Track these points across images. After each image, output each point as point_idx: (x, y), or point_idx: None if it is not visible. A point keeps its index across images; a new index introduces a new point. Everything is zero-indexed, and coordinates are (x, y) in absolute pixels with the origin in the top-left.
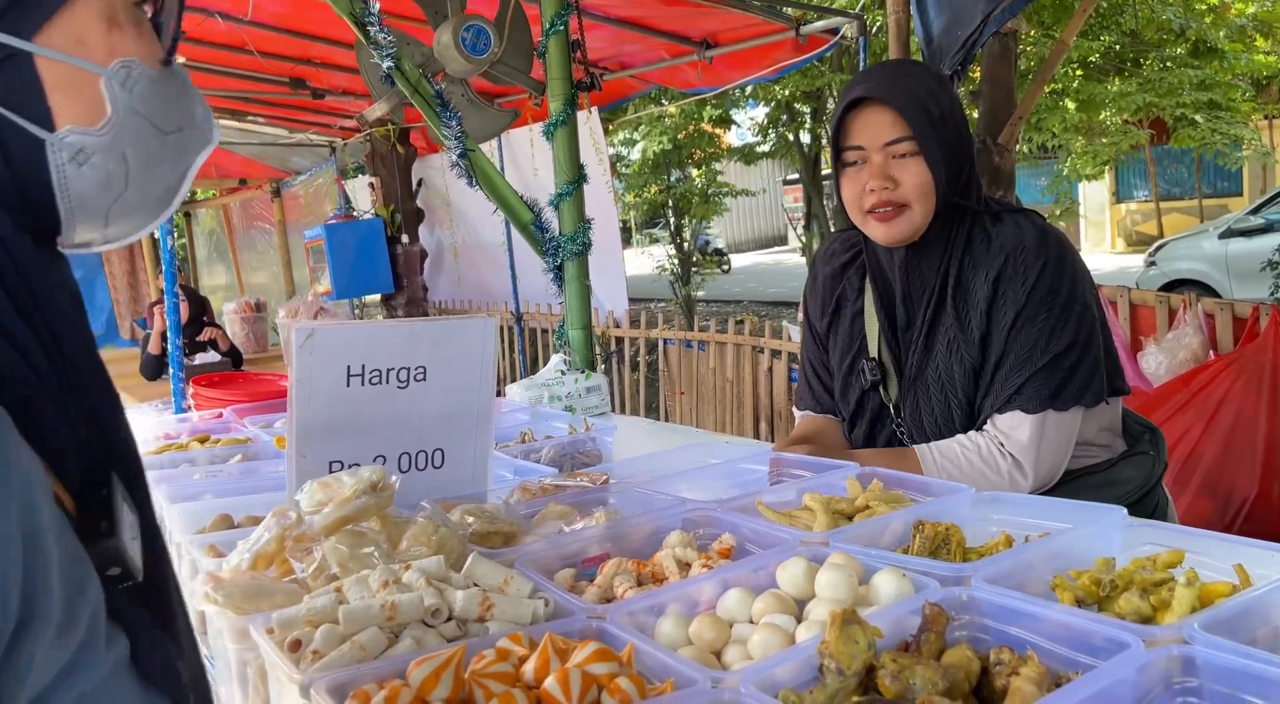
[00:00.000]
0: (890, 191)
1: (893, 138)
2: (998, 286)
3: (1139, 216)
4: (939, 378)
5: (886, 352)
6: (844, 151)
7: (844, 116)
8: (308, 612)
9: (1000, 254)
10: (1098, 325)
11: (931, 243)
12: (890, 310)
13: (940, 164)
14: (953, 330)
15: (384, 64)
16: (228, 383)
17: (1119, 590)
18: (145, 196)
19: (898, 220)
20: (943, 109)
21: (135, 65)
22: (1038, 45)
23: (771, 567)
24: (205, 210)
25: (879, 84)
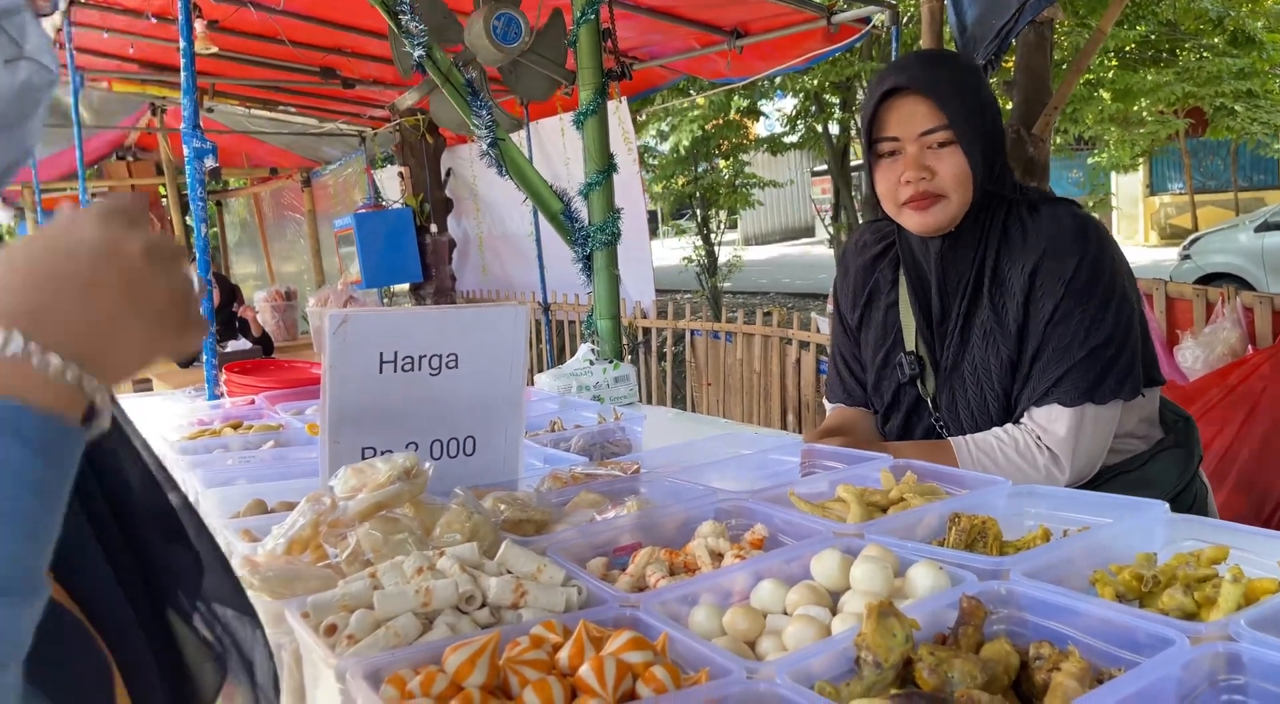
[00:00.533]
0: (927, 182)
1: (929, 127)
2: (1035, 278)
3: (1173, 209)
4: (975, 370)
5: (922, 344)
6: (878, 143)
7: (878, 107)
8: (343, 596)
9: (1038, 245)
10: (1136, 317)
11: (967, 233)
12: (925, 302)
13: (977, 153)
14: (989, 322)
15: (415, 53)
16: (260, 370)
17: (1162, 586)
18: None
19: (934, 209)
20: (978, 97)
21: None
22: (1072, 34)
23: (805, 558)
24: (236, 199)
25: (914, 73)
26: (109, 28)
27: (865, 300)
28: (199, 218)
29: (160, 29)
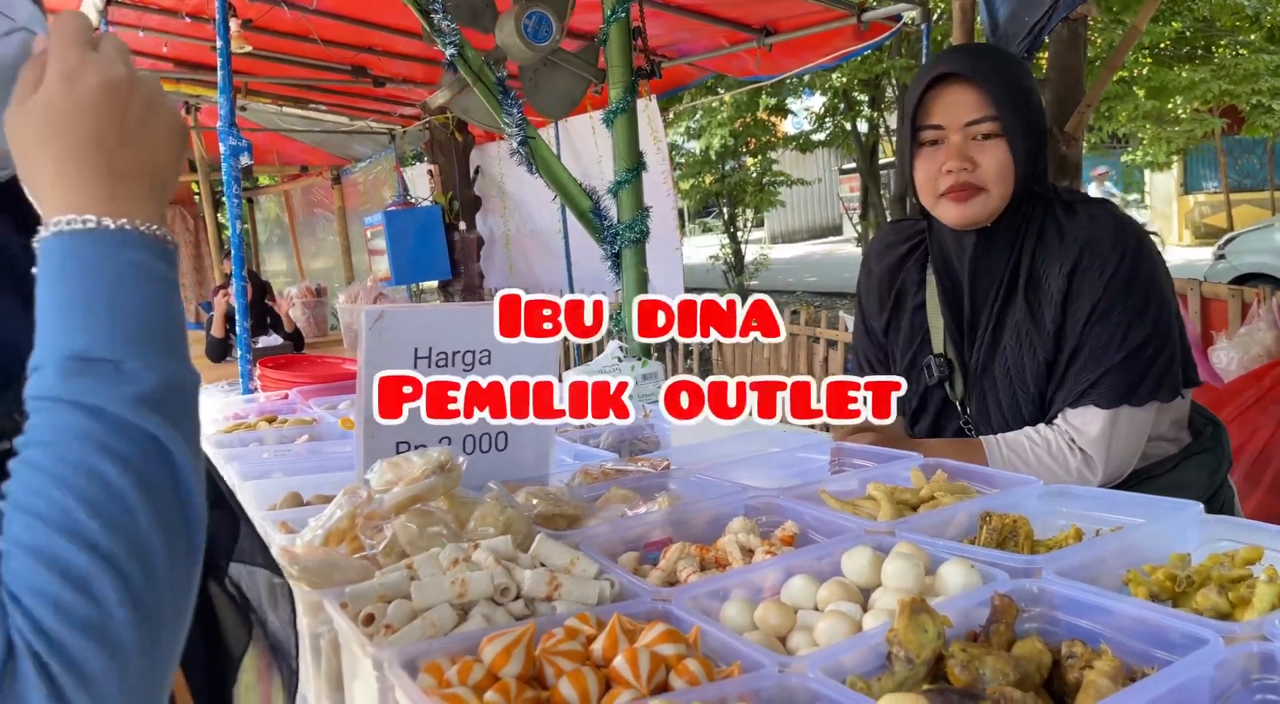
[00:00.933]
0: (968, 173)
1: (975, 117)
2: (1073, 278)
3: (1208, 208)
4: (1007, 371)
5: (950, 346)
6: (921, 131)
7: (924, 94)
8: (380, 587)
9: (1075, 245)
10: (1174, 317)
11: (1002, 230)
12: (956, 303)
13: (1021, 148)
14: (1024, 323)
15: (447, 51)
16: (293, 365)
17: (1195, 586)
18: None
19: (973, 201)
20: (1025, 92)
21: None
22: (1106, 31)
23: (836, 555)
24: (267, 197)
25: (964, 61)
26: (145, 26)
27: (893, 303)
28: (234, 215)
29: (194, 28)
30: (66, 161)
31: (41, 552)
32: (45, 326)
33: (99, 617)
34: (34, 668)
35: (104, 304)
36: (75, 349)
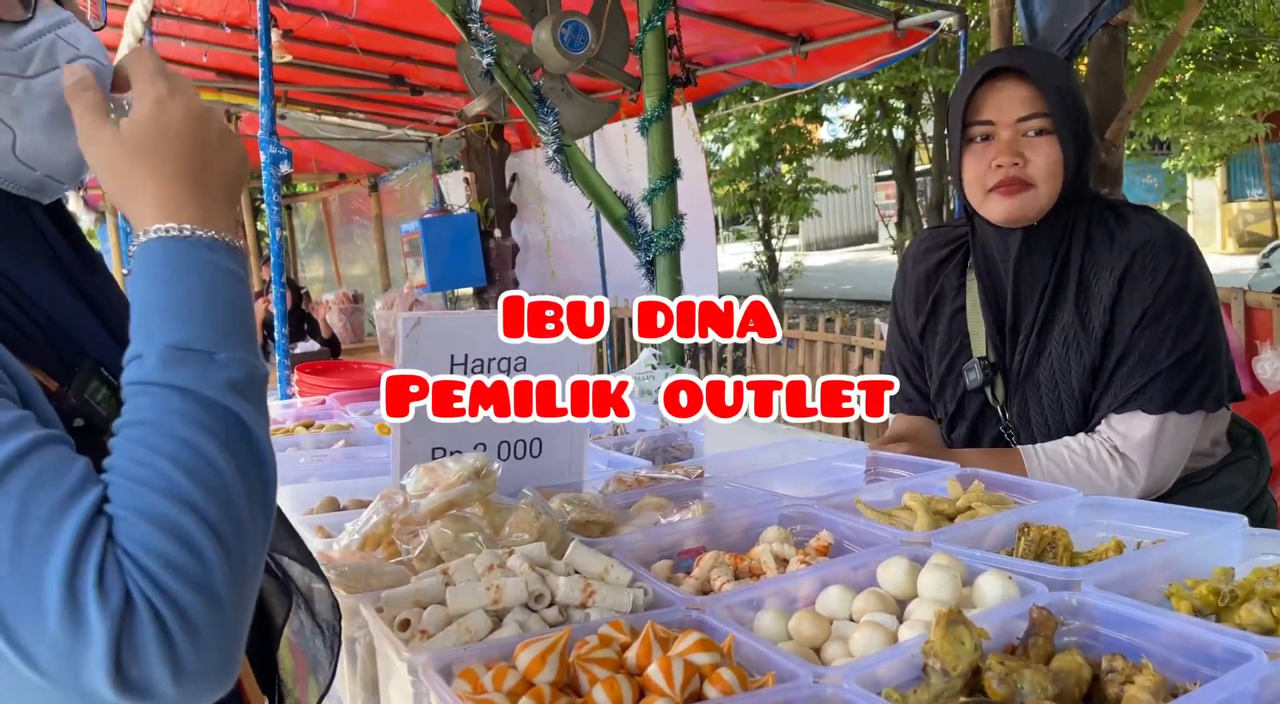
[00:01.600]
0: (1018, 169)
1: (1027, 113)
2: (1124, 283)
3: (1251, 216)
4: (1052, 375)
5: (991, 350)
6: (970, 127)
7: (975, 91)
8: (416, 592)
9: (1127, 250)
10: (1223, 328)
11: (1047, 230)
12: (999, 304)
13: (1071, 146)
14: (1071, 327)
15: (484, 60)
16: (330, 371)
17: (1239, 601)
18: (45, 135)
19: (1022, 196)
20: (1075, 94)
21: None
22: (1148, 36)
23: (871, 565)
24: (305, 204)
25: (1016, 58)
26: (187, 37)
27: (930, 308)
28: (274, 223)
29: (235, 38)
30: (163, 177)
31: (153, 514)
32: (145, 320)
33: (202, 570)
34: (149, 616)
35: (199, 302)
36: (175, 341)
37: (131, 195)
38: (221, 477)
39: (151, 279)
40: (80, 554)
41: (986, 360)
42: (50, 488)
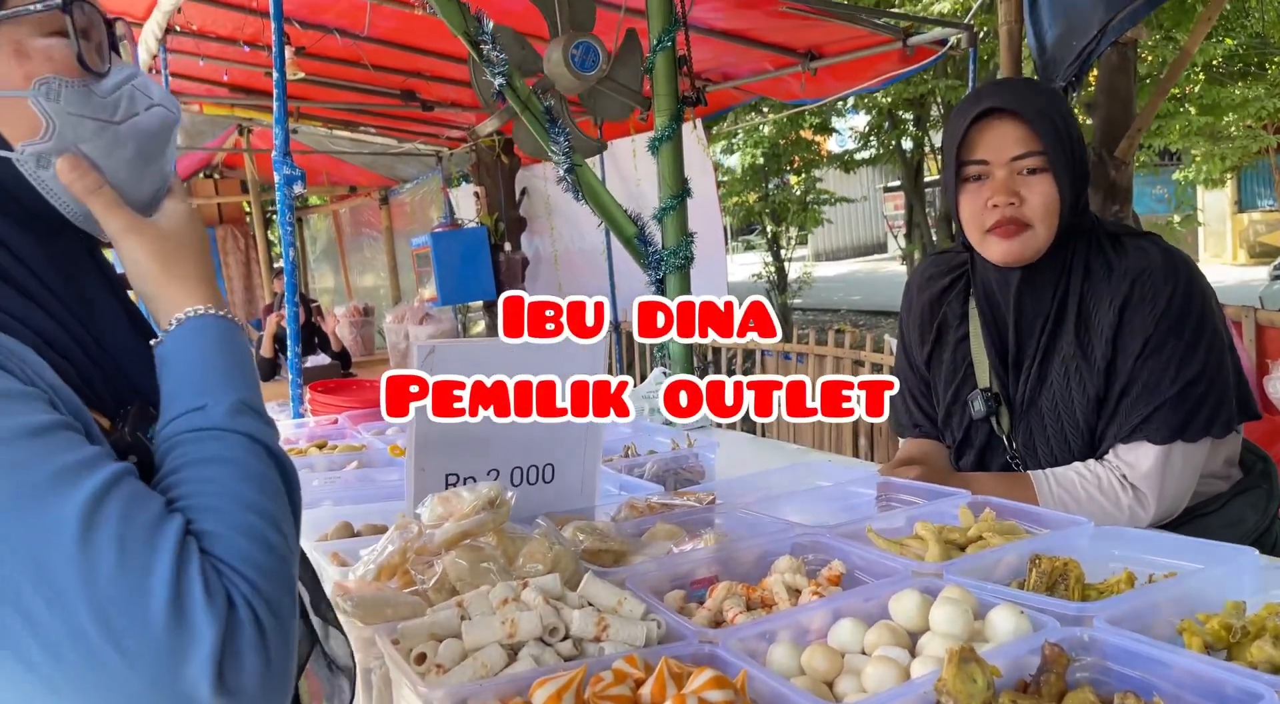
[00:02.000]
0: (1015, 209)
1: (1021, 152)
2: (1124, 313)
3: (1263, 227)
4: (1055, 406)
5: (995, 380)
6: (965, 166)
7: (969, 129)
8: (431, 625)
9: (1126, 279)
10: (1227, 351)
11: (1046, 266)
12: (1000, 337)
13: (1066, 182)
14: (1073, 358)
15: (495, 81)
16: (342, 390)
17: (1251, 637)
18: (126, 175)
19: (1020, 238)
20: (1069, 127)
21: (54, 81)
22: (1157, 48)
23: (883, 597)
24: (316, 216)
25: (1008, 95)
26: (204, 54)
27: (935, 336)
28: (287, 241)
29: (250, 55)
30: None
31: (243, 528)
32: (206, 379)
33: (284, 570)
34: (248, 616)
35: (246, 369)
36: (237, 398)
37: (170, 279)
38: (283, 500)
39: (207, 348)
40: (183, 566)
41: (990, 391)
42: (142, 512)
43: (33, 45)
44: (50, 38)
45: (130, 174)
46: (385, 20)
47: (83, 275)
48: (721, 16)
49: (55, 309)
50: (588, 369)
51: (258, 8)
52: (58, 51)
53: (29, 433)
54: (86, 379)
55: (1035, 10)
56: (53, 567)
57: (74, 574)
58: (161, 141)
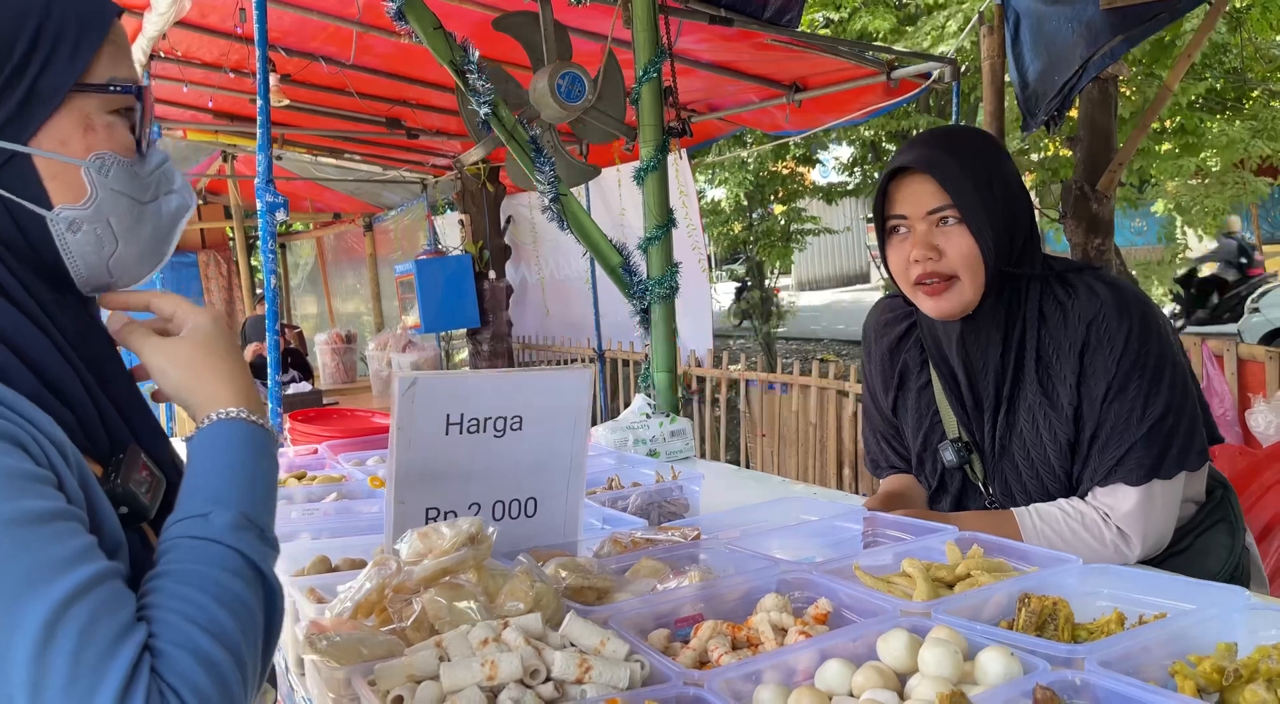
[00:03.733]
0: (935, 263)
1: (934, 206)
2: (1084, 358)
3: None
4: (1027, 453)
5: (963, 429)
6: (888, 220)
7: (887, 185)
8: (409, 666)
9: (1081, 324)
10: (1190, 382)
11: (987, 315)
12: (956, 387)
13: (987, 233)
14: (1039, 407)
15: (481, 110)
16: (323, 419)
17: (1243, 680)
18: (136, 251)
19: (947, 294)
20: (990, 175)
21: (108, 157)
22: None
23: (871, 637)
24: (300, 242)
25: (919, 153)
26: (188, 80)
27: (897, 383)
28: (269, 269)
29: (234, 82)
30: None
31: (203, 658)
32: (221, 487)
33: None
34: None
35: (263, 485)
36: (241, 511)
37: (200, 383)
38: (254, 626)
39: (229, 454)
40: (131, 686)
41: (960, 440)
42: (106, 625)
43: (99, 120)
44: (113, 115)
45: (141, 251)
46: (371, 48)
47: (88, 328)
48: (707, 48)
49: (69, 354)
50: (573, 402)
51: (243, 34)
52: (118, 130)
53: (21, 520)
54: (87, 427)
55: (1017, 45)
56: (8, 666)
57: (25, 680)
58: (172, 225)
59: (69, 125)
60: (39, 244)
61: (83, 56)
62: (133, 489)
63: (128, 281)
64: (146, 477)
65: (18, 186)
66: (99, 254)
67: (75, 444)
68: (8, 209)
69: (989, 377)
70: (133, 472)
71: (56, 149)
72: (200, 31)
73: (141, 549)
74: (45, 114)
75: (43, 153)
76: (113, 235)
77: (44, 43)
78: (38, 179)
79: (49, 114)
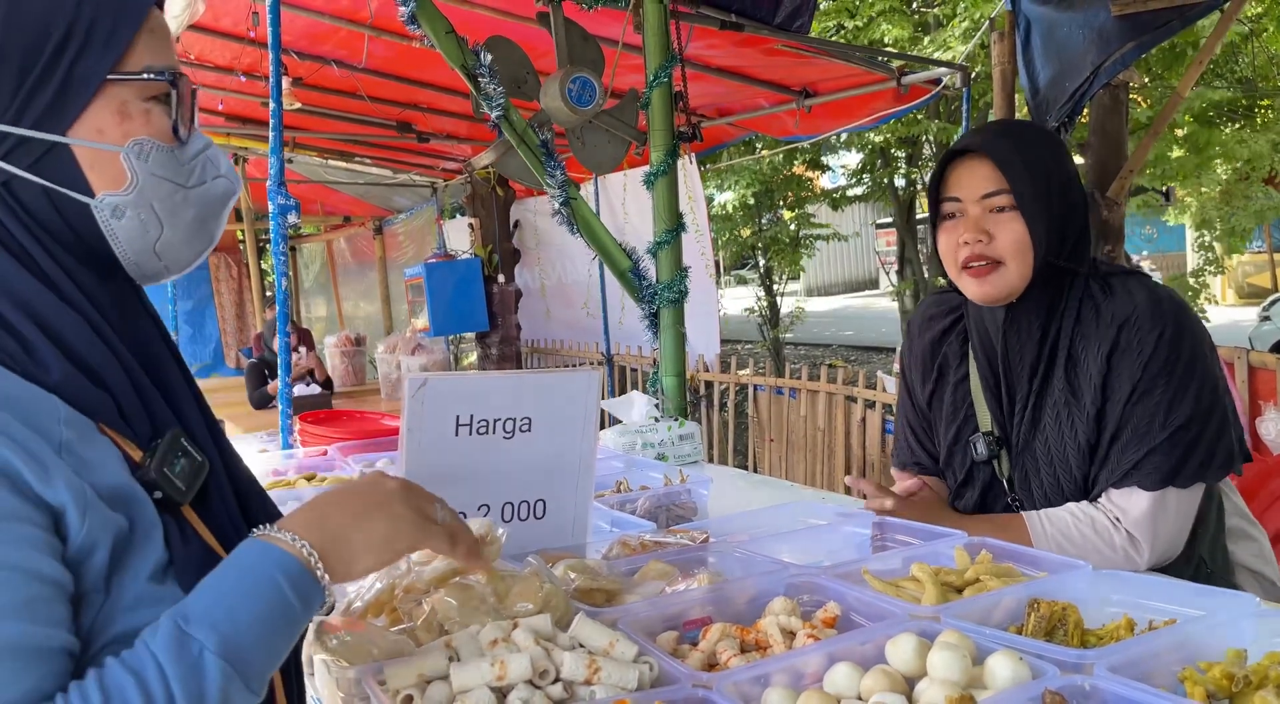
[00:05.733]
0: (984, 245)
1: (989, 190)
2: (1112, 359)
3: (1251, 268)
4: (1048, 451)
5: (995, 424)
6: (942, 203)
7: (944, 169)
8: (419, 665)
9: (1113, 326)
10: (1221, 392)
11: (1031, 306)
12: (994, 379)
13: (1040, 221)
14: (1063, 404)
15: (493, 114)
16: (332, 420)
17: (1253, 687)
18: (182, 235)
19: (991, 278)
20: (1049, 168)
21: (146, 142)
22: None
23: (880, 640)
24: (310, 245)
25: (982, 138)
26: (200, 83)
27: (935, 376)
28: (280, 271)
29: (246, 85)
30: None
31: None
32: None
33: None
34: None
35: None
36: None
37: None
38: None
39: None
40: None
41: (992, 434)
42: None
43: (135, 107)
44: (150, 102)
45: (186, 235)
46: (383, 52)
47: (133, 312)
48: (718, 54)
49: (109, 337)
50: (582, 404)
51: (256, 38)
52: (155, 116)
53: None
54: (124, 411)
55: (1028, 52)
56: None
57: None
58: (218, 209)
59: (106, 114)
60: (86, 233)
61: (117, 45)
62: (167, 474)
63: (177, 265)
64: (186, 460)
65: (59, 176)
66: (144, 239)
67: (113, 428)
68: (50, 199)
69: (1024, 369)
70: (170, 456)
71: (94, 138)
72: (214, 35)
73: (179, 534)
74: (82, 103)
75: (80, 142)
76: (157, 220)
77: (78, 32)
78: (78, 168)
79: (85, 103)
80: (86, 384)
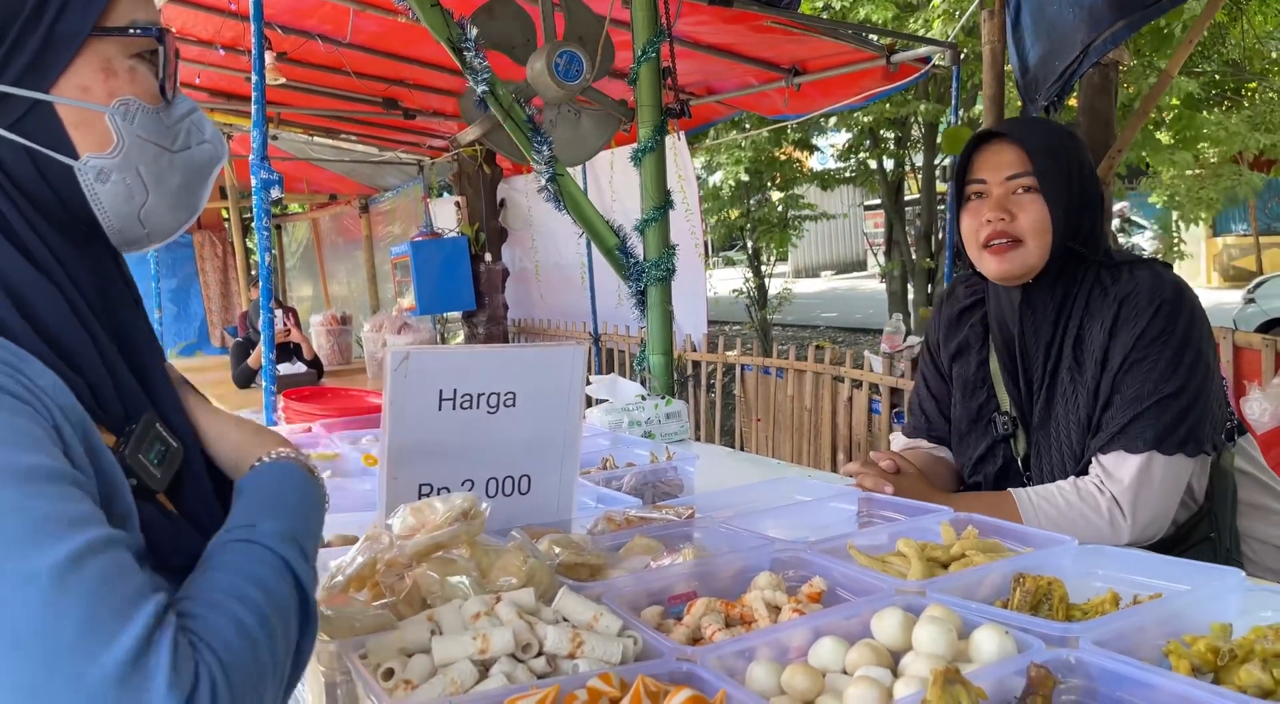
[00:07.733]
0: (1006, 224)
1: (1014, 172)
2: (1111, 333)
3: (1236, 251)
4: (1057, 430)
5: (1013, 404)
6: (967, 185)
7: (971, 153)
8: (400, 639)
9: (1115, 303)
10: (1212, 375)
11: (1047, 288)
12: (1011, 360)
13: (1060, 204)
14: (1070, 383)
15: (478, 89)
16: (317, 397)
17: (1239, 661)
18: (168, 201)
19: (1011, 255)
20: (1070, 159)
21: (132, 102)
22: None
23: (865, 615)
24: (295, 224)
25: (1010, 126)
26: (182, 58)
27: (955, 351)
28: (263, 247)
29: (229, 59)
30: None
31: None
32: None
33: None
34: (209, 695)
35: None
36: (288, 527)
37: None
38: (289, 628)
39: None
40: (158, 631)
41: (1009, 415)
42: (120, 585)
43: (120, 64)
44: (134, 59)
45: (171, 201)
46: (368, 26)
47: (110, 286)
48: (707, 30)
49: (85, 316)
50: (567, 379)
51: (238, 11)
52: (140, 75)
53: (28, 475)
54: (98, 394)
55: (1018, 30)
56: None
57: (36, 630)
58: (204, 176)
59: (90, 71)
60: (68, 197)
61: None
62: (141, 460)
63: (161, 233)
64: (162, 446)
65: (41, 136)
66: (129, 204)
67: (88, 411)
68: (33, 160)
69: (1039, 351)
70: (144, 442)
71: (78, 96)
72: (194, 8)
73: (158, 519)
74: (65, 60)
75: (65, 101)
76: (142, 185)
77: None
78: (62, 128)
79: (69, 60)
80: (60, 365)
